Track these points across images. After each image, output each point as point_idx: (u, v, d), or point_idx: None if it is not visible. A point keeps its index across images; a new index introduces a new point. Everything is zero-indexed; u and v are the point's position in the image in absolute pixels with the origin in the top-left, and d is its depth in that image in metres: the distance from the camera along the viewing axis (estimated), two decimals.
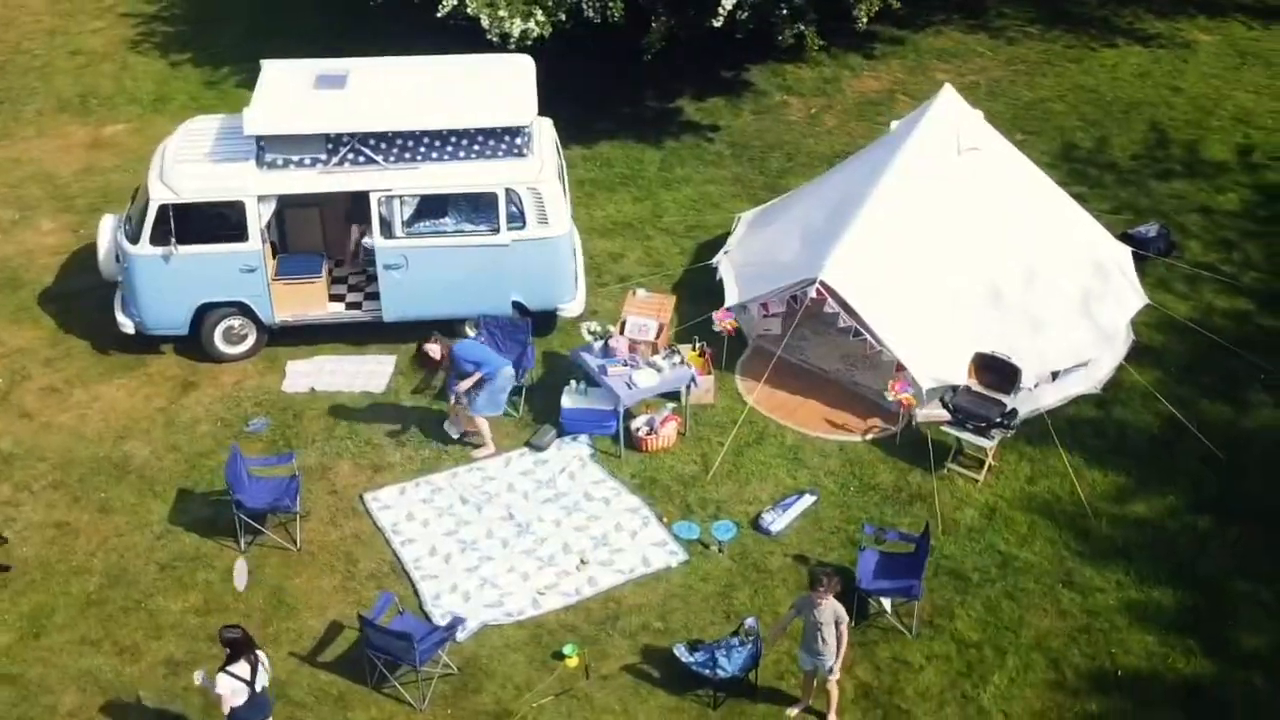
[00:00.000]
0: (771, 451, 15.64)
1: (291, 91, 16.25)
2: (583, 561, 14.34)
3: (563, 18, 19.72)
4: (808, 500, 14.97)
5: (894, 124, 16.96)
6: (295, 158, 16.13)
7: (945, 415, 15.49)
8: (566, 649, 13.34)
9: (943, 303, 15.78)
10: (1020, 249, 16.23)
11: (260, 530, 14.60)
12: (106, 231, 16.99)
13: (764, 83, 23.05)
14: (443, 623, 13.34)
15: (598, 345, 15.89)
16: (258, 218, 16.17)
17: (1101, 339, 16.35)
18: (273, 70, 16.73)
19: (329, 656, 13.38)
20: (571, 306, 16.99)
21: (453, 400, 15.54)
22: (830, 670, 12.33)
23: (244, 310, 16.66)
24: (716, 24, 19.55)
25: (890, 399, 15.52)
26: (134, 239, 16.27)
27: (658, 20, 20.19)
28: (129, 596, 14.00)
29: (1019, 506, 14.97)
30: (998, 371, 15.33)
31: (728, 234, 18.43)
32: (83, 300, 17.80)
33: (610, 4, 19.67)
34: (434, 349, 15.27)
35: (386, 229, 16.31)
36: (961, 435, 15.22)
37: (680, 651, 12.95)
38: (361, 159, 16.20)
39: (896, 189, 16.00)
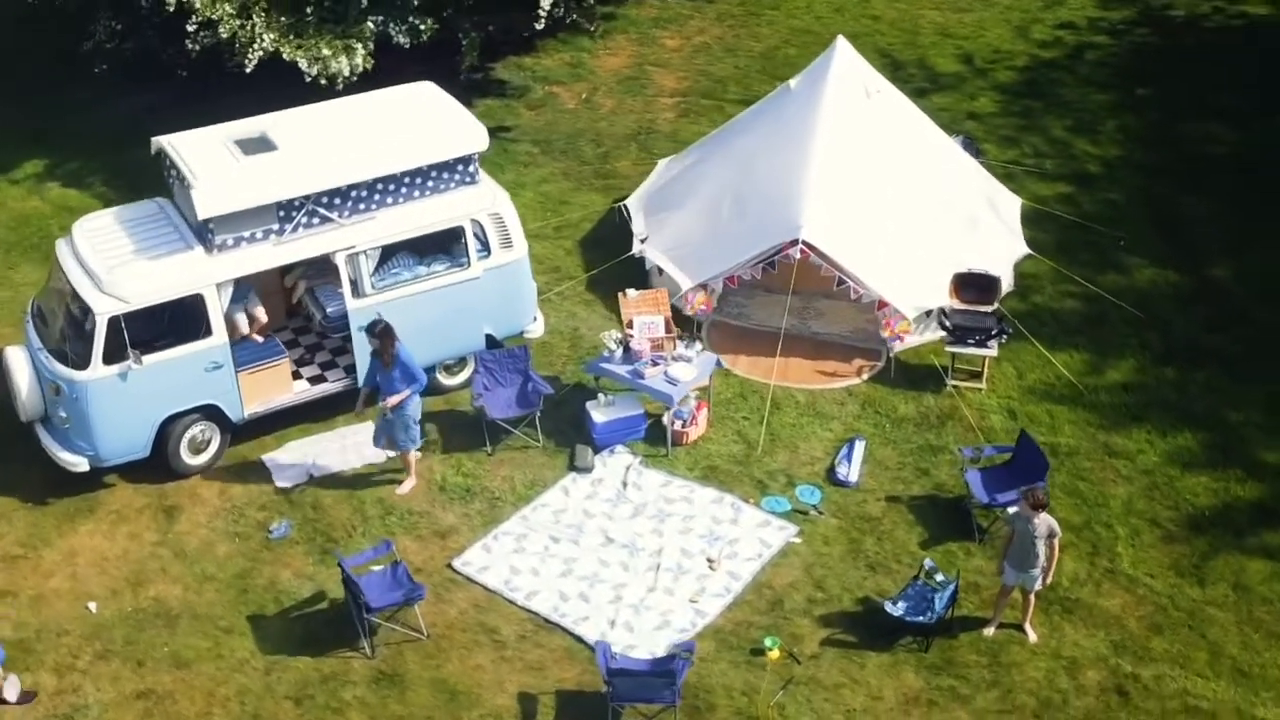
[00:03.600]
0: (794, 413, 16.08)
1: (221, 164, 14.70)
2: (710, 561, 14.27)
3: (372, 47, 18.89)
4: (860, 445, 15.58)
5: (792, 82, 17.64)
6: (247, 234, 14.68)
7: (921, 340, 16.53)
8: (767, 642, 13.33)
9: (900, 236, 16.77)
10: (936, 177, 17.51)
11: (378, 628, 13.45)
12: (22, 367, 14.70)
13: (515, 78, 22.97)
14: (670, 652, 12.96)
15: (618, 353, 15.65)
16: (219, 308, 14.62)
17: (1011, 239, 17.97)
18: (182, 146, 15.02)
19: None
20: (535, 327, 16.55)
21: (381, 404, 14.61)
22: (1037, 582, 13.12)
23: (209, 413, 15.01)
24: (539, 26, 19.37)
25: (886, 336, 16.38)
26: (80, 364, 14.23)
27: (467, 35, 19.73)
28: None
29: (1030, 402, 16.31)
30: (977, 286, 16.55)
31: (601, 224, 18.53)
32: None
33: (421, 25, 19.03)
34: (372, 341, 14.33)
35: (355, 288, 15.20)
36: (963, 351, 16.33)
37: (891, 607, 13.31)
38: (317, 220, 14.98)
39: (835, 138, 16.77)
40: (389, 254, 15.35)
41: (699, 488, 15.13)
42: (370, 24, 18.67)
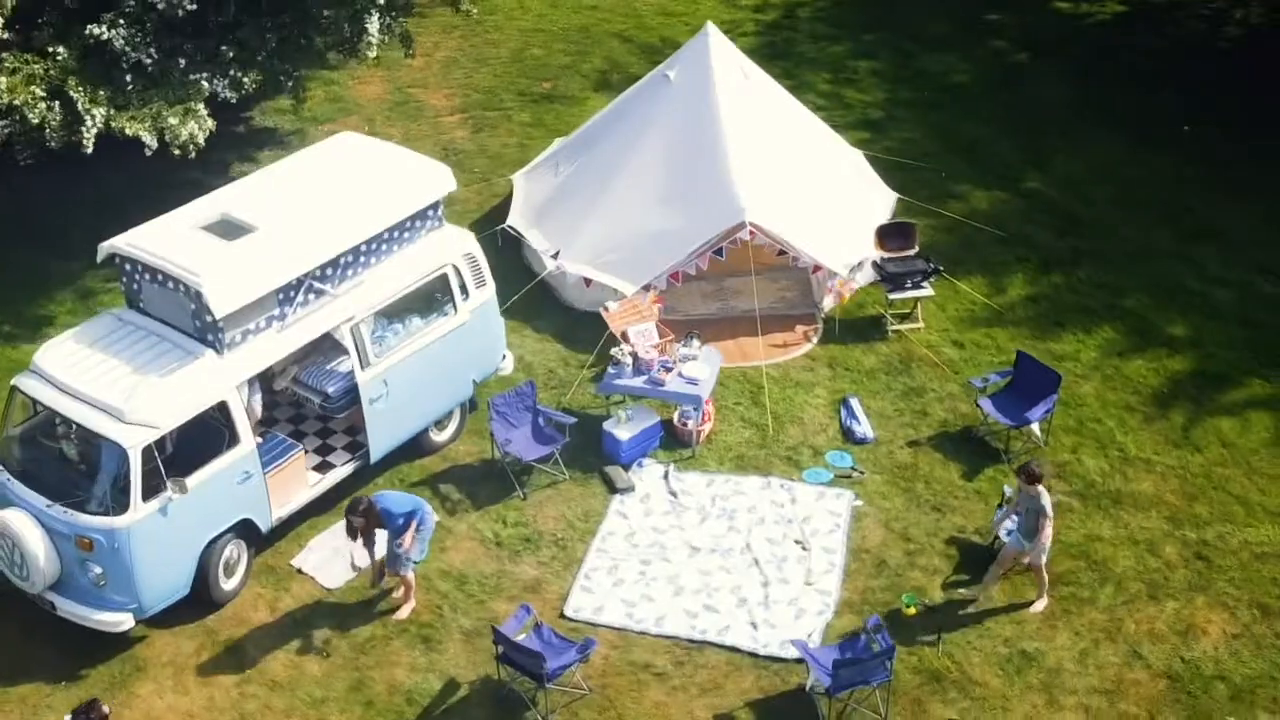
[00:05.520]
0: (780, 389, 16.47)
1: (210, 256, 13.28)
2: (799, 543, 14.53)
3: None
4: (856, 402, 16.24)
5: (670, 73, 17.80)
6: (252, 325, 13.40)
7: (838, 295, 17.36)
8: (905, 599, 13.80)
9: (816, 201, 17.48)
10: (813, 143, 18.34)
11: (537, 696, 12.88)
12: (31, 531, 12.74)
13: (282, 124, 21.75)
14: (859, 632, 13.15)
15: (628, 366, 15.46)
16: (243, 412, 13.30)
17: (880, 187, 19.10)
18: (148, 244, 13.41)
19: None
20: (506, 365, 16.03)
21: (376, 558, 13.84)
22: (1040, 554, 13.60)
23: (241, 530, 13.64)
24: (371, 54, 18.47)
25: (830, 301, 17.11)
26: (116, 509, 12.56)
27: (291, 77, 18.52)
28: None
29: (965, 330, 17.50)
30: (898, 234, 17.54)
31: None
32: None
33: (245, 76, 17.71)
34: (356, 521, 13.36)
35: (362, 360, 14.22)
36: (903, 295, 17.28)
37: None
38: (313, 296, 13.87)
39: (737, 121, 17.18)
40: (384, 316, 14.43)
41: (741, 479, 15.29)
42: (205, 83, 17.14)
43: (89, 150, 16.46)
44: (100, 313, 13.90)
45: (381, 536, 13.57)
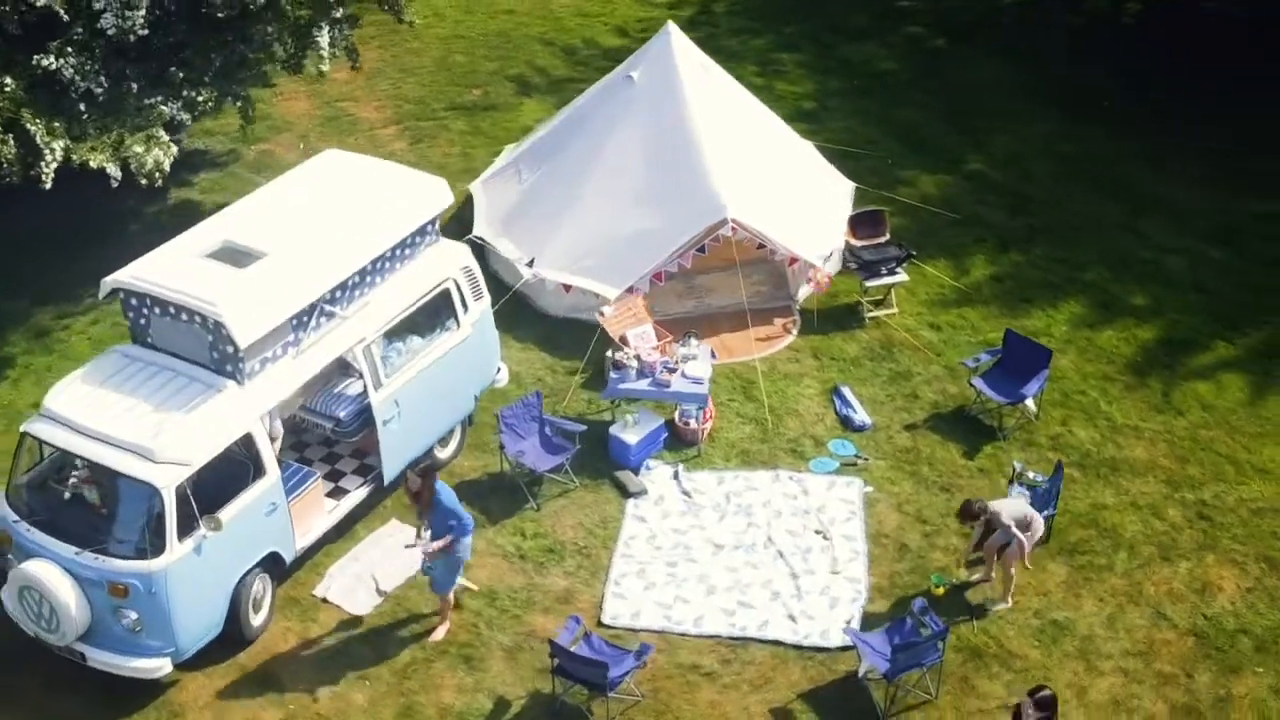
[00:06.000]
0: (771, 383, 16.59)
1: (224, 285, 12.91)
2: (819, 533, 14.68)
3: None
4: (848, 391, 16.44)
5: (633, 74, 17.78)
6: (269, 354, 13.09)
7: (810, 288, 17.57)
8: (933, 579, 14.04)
9: (787, 193, 17.65)
10: (774, 135, 18.51)
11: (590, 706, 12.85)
12: (61, 582, 12.26)
13: (214, 145, 21.23)
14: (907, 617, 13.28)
15: (632, 370, 15.43)
16: (268, 443, 12.99)
17: (837, 176, 19.35)
18: (153, 275, 13.00)
19: None
20: (501, 377, 15.88)
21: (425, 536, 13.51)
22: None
23: (267, 563, 13.32)
24: (324, 67, 18.08)
25: (807, 291, 17.31)
26: (152, 551, 12.17)
27: (240, 98, 18.07)
28: None
29: (939, 312, 17.81)
30: (869, 222, 17.80)
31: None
32: None
33: (198, 97, 17.25)
34: (414, 482, 13.10)
35: (375, 381, 13.97)
36: (879, 282, 17.54)
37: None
38: (323, 320, 13.59)
39: (706, 117, 17.27)
40: (392, 335, 14.20)
41: (750, 474, 15.38)
42: (164, 107, 16.64)
43: (48, 185, 15.85)
44: (106, 351, 13.40)
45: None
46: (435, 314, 14.56)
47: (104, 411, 12.49)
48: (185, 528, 12.24)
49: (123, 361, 13.07)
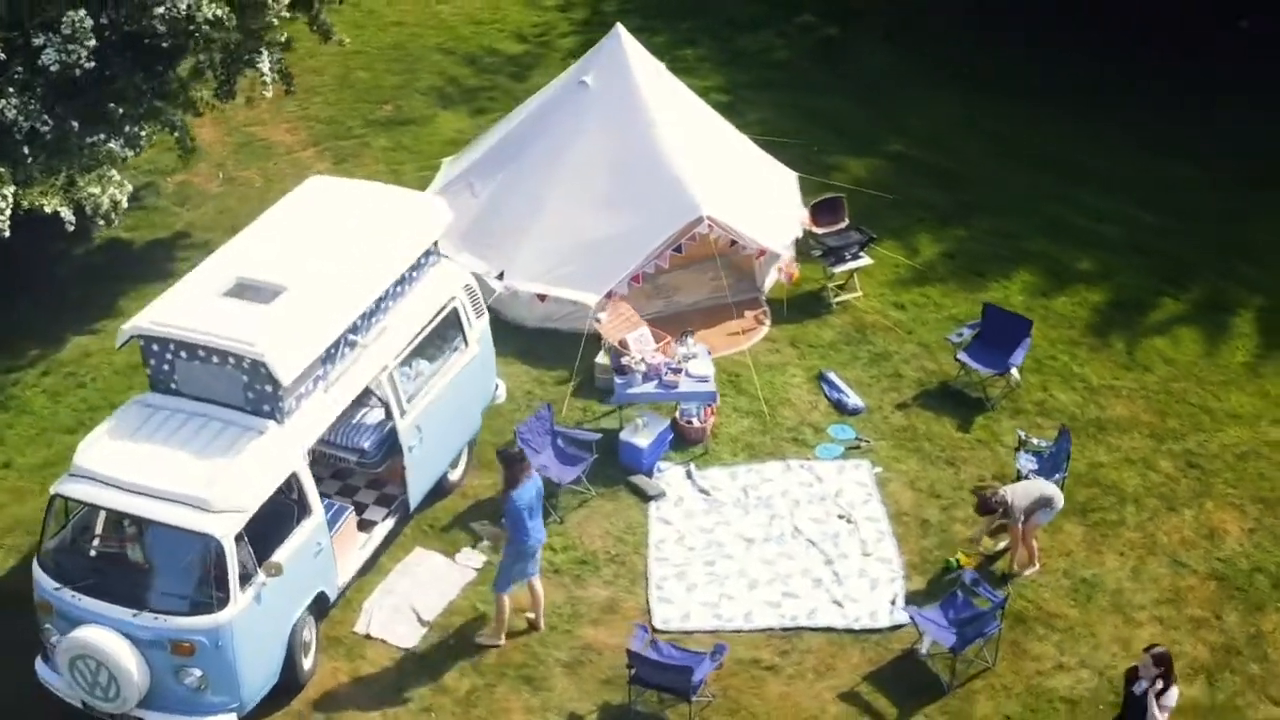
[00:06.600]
0: (759, 375, 16.72)
1: (253, 322, 12.47)
2: (842, 518, 14.90)
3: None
4: (834, 376, 16.71)
5: (587, 79, 17.68)
6: (303, 390, 12.72)
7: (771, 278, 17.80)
8: (962, 551, 14.38)
9: (748, 187, 17.85)
10: (723, 131, 18.67)
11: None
12: (121, 647, 11.70)
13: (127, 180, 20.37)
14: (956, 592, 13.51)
15: (638, 374, 15.40)
16: (311, 480, 12.64)
17: (781, 166, 19.61)
18: (174, 318, 12.49)
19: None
20: (500, 393, 15.70)
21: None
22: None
23: (314, 606, 12.96)
24: (268, 94, 17.56)
25: (773, 279, 17.55)
26: (218, 604, 11.73)
27: (178, 128, 17.44)
28: None
29: (903, 292, 18.20)
30: (828, 210, 18.09)
31: None
32: None
33: (141, 132, 16.65)
34: (501, 460, 13.08)
35: (399, 408, 13.69)
36: (845, 268, 17.85)
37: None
38: (347, 350, 13.26)
39: (665, 118, 17.33)
40: (408, 360, 13.92)
41: (761, 466, 15.52)
42: (112, 144, 15.96)
43: (6, 234, 15.06)
44: (126, 402, 12.80)
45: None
46: (446, 334, 14.33)
47: (145, 465, 11.96)
48: (244, 577, 11.81)
49: (147, 411, 12.53)
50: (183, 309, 12.58)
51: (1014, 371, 16.41)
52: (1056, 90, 22.36)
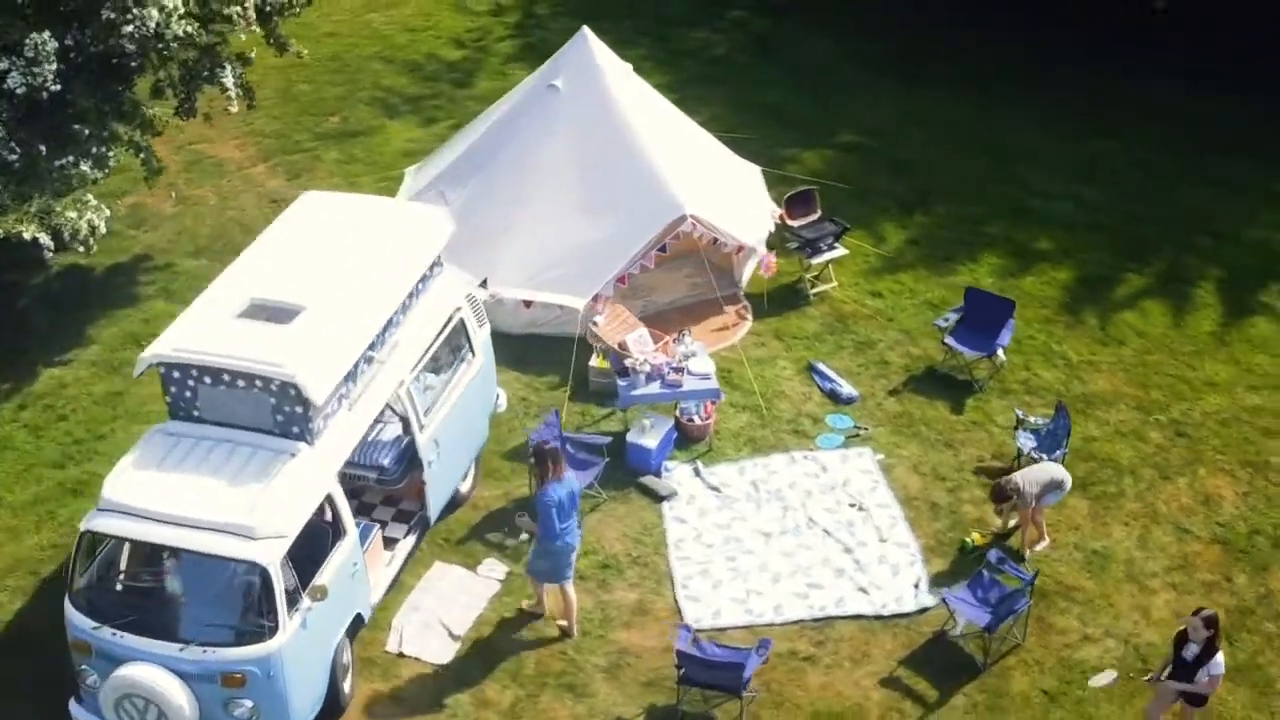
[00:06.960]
0: (753, 370, 16.80)
1: (276, 343, 12.24)
2: (856, 507, 15.07)
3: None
4: (824, 366, 16.89)
5: (557, 82, 17.59)
6: (329, 410, 12.52)
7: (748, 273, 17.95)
8: (966, 541, 14.62)
9: (723, 184, 17.94)
10: (696, 133, 18.75)
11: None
12: (170, 684, 11.42)
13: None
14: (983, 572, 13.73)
15: (643, 374, 15.40)
16: (345, 501, 12.46)
17: (745, 162, 19.74)
18: (194, 344, 12.21)
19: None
20: (501, 402, 15.58)
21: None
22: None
23: (351, 628, 12.77)
24: (233, 109, 17.21)
25: (750, 273, 17.69)
26: (268, 632, 11.51)
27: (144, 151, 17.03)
28: None
29: (876, 280, 18.45)
30: (801, 202, 18.25)
31: None
32: None
33: (110, 152, 16.26)
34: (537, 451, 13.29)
35: (418, 423, 13.54)
36: (821, 259, 18.03)
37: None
38: (365, 366, 13.08)
39: (639, 118, 17.35)
40: (419, 374, 13.77)
41: (766, 460, 15.63)
42: (84, 167, 15.55)
43: None
44: (147, 432, 12.45)
45: None
46: (454, 345, 14.21)
47: (178, 494, 11.66)
48: (290, 603, 11.60)
49: (171, 440, 12.22)
50: (202, 333, 12.30)
51: (1000, 352, 16.71)
52: (991, 75, 22.83)
